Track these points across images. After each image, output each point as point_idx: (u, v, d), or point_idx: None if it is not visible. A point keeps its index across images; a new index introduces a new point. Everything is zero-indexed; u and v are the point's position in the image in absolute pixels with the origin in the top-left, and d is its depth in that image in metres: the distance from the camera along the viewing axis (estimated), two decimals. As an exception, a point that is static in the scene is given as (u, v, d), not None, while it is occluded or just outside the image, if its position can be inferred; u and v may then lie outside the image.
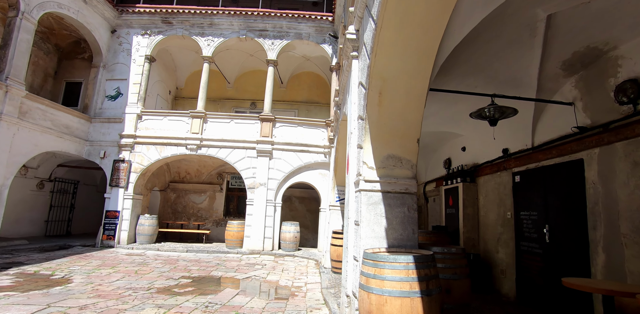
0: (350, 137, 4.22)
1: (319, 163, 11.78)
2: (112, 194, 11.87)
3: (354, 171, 4.00)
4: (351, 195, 4.00)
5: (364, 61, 3.83)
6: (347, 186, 4.35)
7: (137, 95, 12.41)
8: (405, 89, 3.54)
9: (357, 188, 3.81)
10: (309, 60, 14.15)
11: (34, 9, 10.16)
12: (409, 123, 3.71)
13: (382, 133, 3.74)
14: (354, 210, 3.91)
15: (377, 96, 3.59)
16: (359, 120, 3.97)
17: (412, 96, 3.58)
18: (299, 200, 14.42)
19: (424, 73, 3.44)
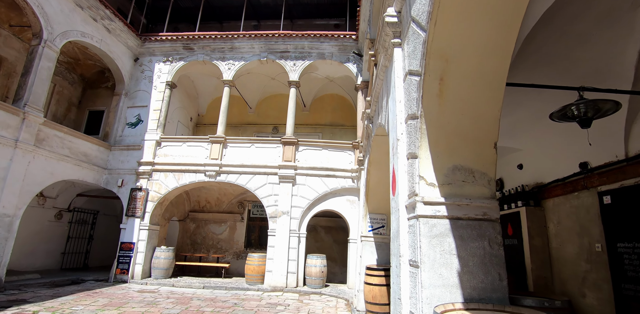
0: (396, 147, 3.15)
1: (346, 188, 10.65)
2: (127, 225, 11.05)
3: (404, 191, 2.89)
4: (402, 223, 2.87)
5: (414, 41, 2.83)
6: (394, 211, 3.22)
7: (157, 122, 11.90)
8: (477, 72, 2.48)
9: (412, 213, 2.69)
10: (332, 81, 13.44)
11: (57, 38, 9.97)
12: (482, 120, 2.62)
13: (444, 135, 2.66)
14: (408, 244, 2.76)
15: (437, 83, 2.54)
16: (409, 121, 2.91)
17: (486, 82, 2.51)
18: (325, 230, 13.17)
19: (505, 48, 2.39)
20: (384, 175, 6.97)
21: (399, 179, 2.94)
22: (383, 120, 4.48)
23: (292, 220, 10.40)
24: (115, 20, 11.57)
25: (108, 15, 11.32)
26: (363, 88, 11.10)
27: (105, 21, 11.39)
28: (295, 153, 11.02)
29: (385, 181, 7.10)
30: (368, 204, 7.55)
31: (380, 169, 6.81)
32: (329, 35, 11.65)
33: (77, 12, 10.54)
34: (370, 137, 6.30)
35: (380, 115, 4.76)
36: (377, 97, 5.25)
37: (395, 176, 3.15)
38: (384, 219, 7.54)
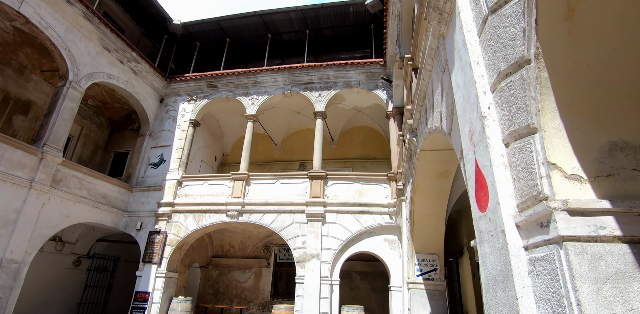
0: (478, 131, 1.91)
1: (383, 226, 9.17)
2: (144, 272, 9.89)
3: (509, 198, 1.63)
4: (514, 258, 1.55)
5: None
6: (486, 239, 1.87)
7: (179, 161, 11.23)
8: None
9: (539, 236, 1.40)
10: (360, 111, 12.56)
11: (83, 79, 9.82)
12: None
13: (587, 87, 1.45)
14: (535, 299, 1.42)
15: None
16: (505, 80, 1.71)
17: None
18: (361, 276, 11.42)
19: None
20: (432, 203, 5.60)
21: (494, 179, 1.69)
22: (438, 120, 3.29)
23: (323, 265, 8.89)
24: (141, 62, 11.53)
25: (134, 57, 11.30)
26: (395, 115, 10.06)
27: (132, 63, 11.34)
28: (324, 188, 9.83)
29: (435, 211, 5.70)
30: (414, 242, 6.09)
31: (428, 196, 5.47)
32: (355, 63, 10.99)
33: (103, 54, 10.52)
34: (414, 156, 5.08)
35: (432, 116, 3.59)
36: (422, 99, 4.12)
37: (481, 178, 1.89)
38: (435, 260, 6.00)
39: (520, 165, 1.59)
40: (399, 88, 9.62)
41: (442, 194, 5.50)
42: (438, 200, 5.56)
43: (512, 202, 1.63)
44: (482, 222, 1.90)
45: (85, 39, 9.99)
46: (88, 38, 10.05)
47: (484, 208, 1.87)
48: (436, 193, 5.47)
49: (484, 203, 1.86)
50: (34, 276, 10.10)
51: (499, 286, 1.66)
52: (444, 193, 5.48)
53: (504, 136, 1.74)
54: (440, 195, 5.50)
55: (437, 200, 5.56)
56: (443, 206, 5.64)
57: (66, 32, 9.45)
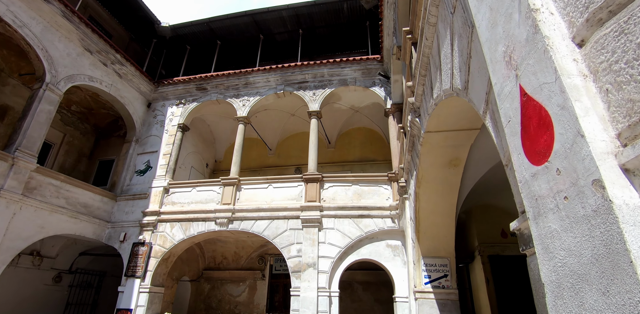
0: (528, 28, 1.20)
1: (385, 231, 8.35)
2: (126, 287, 9.03)
3: (596, 123, 0.90)
4: (635, 229, 0.82)
5: None
6: (564, 201, 1.12)
7: (166, 167, 10.49)
8: None
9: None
10: (357, 111, 11.90)
11: (62, 81, 9.19)
12: None
13: None
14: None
15: None
16: None
17: None
18: (363, 287, 10.53)
19: None
20: (440, 198, 4.84)
21: (569, 98, 0.96)
22: (448, 79, 2.60)
23: (320, 275, 8.04)
24: (126, 65, 10.94)
25: (119, 59, 10.71)
26: (394, 112, 9.40)
27: (116, 66, 10.75)
28: (320, 192, 9.06)
29: (444, 207, 4.94)
30: (420, 244, 5.30)
31: (435, 190, 4.72)
32: (350, 60, 10.38)
33: (85, 56, 9.93)
34: (417, 143, 4.35)
35: (439, 79, 2.89)
36: (425, 67, 3.43)
37: (534, 111, 1.16)
38: (445, 265, 5.20)
39: (619, 63, 0.87)
40: (397, 84, 8.99)
41: (451, 187, 4.75)
42: (447, 194, 4.80)
43: (606, 131, 0.90)
44: (539, 182, 1.16)
45: (65, 39, 9.42)
46: (68, 38, 9.48)
47: (542, 156, 1.13)
48: (444, 186, 4.72)
49: (542, 148, 1.13)
50: (6, 294, 9.25)
51: (589, 286, 0.90)
52: (453, 186, 4.73)
53: (575, 30, 1.02)
54: (449, 189, 4.75)
55: (446, 194, 4.80)
56: (452, 201, 4.89)
57: (43, 31, 8.88)
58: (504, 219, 7.34)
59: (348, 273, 10.23)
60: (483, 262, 6.85)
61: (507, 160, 1.60)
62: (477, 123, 3.79)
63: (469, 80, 2.11)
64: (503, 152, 1.65)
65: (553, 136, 1.07)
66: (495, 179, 6.27)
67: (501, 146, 1.67)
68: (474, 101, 2.06)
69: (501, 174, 6.11)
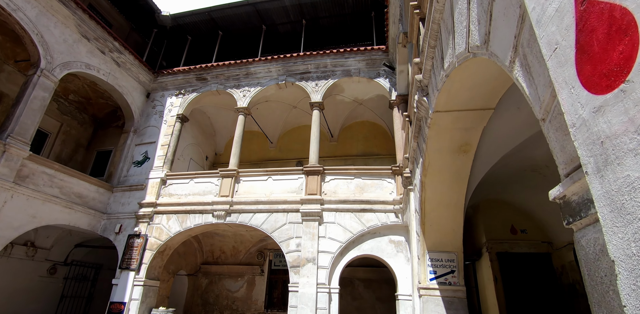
0: None
1: (388, 226, 8.01)
2: (120, 280, 8.77)
3: None
4: None
5: None
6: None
7: (164, 158, 10.21)
8: None
9: None
10: (361, 104, 11.53)
11: (57, 68, 8.92)
12: None
13: None
14: None
15: None
16: None
17: None
18: (365, 284, 10.19)
19: None
20: (448, 188, 4.49)
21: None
22: (463, 40, 2.25)
23: (320, 270, 7.71)
24: (124, 53, 10.66)
25: (117, 47, 10.43)
26: (399, 103, 9.04)
27: (114, 54, 10.47)
28: (321, 185, 8.73)
29: (452, 198, 4.59)
30: (426, 238, 4.95)
31: (443, 179, 4.37)
32: (355, 50, 10.02)
33: (82, 43, 9.65)
34: (425, 126, 4.01)
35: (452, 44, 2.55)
36: (434, 36, 3.08)
37: (602, 9, 0.81)
38: (452, 260, 4.84)
39: None
40: (402, 74, 8.62)
41: (460, 176, 4.39)
42: (455, 184, 4.45)
43: None
44: (607, 116, 0.81)
45: (61, 24, 9.14)
46: (64, 24, 9.20)
47: (615, 77, 0.78)
48: (453, 174, 4.36)
49: (615, 65, 0.78)
50: (2, 286, 9.04)
51: None
52: (463, 174, 4.37)
53: None
54: (458, 178, 4.39)
55: (454, 184, 4.45)
56: (461, 192, 4.53)
57: (39, 15, 8.61)
58: (514, 215, 6.98)
59: (349, 269, 9.90)
60: (491, 259, 6.49)
61: (546, 111, 1.25)
62: (491, 102, 3.44)
63: (490, 31, 1.77)
64: (540, 102, 1.30)
65: (637, 41, 0.72)
66: (506, 171, 5.91)
67: (536, 96, 1.33)
68: (497, 53, 1.71)
69: (513, 164, 5.75)
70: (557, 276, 6.36)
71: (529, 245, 6.57)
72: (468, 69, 2.67)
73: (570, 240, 6.00)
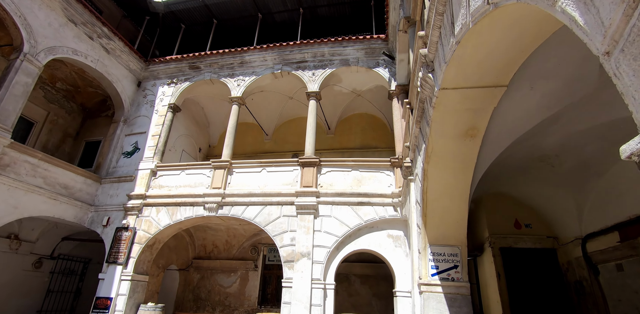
0: None
1: (386, 220, 7.68)
2: (107, 274, 8.42)
3: None
4: None
5: None
6: None
7: (155, 148, 9.83)
8: None
9: None
10: (359, 95, 11.16)
11: (42, 52, 8.50)
12: None
13: None
14: None
15: None
16: None
17: None
18: (361, 280, 9.88)
19: None
20: (453, 177, 4.15)
21: None
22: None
23: (315, 265, 7.38)
24: (114, 39, 10.22)
25: (106, 33, 9.99)
26: (399, 94, 8.70)
27: (103, 40, 10.03)
28: (317, 177, 8.38)
29: (456, 188, 4.26)
30: (427, 231, 4.61)
31: (447, 166, 4.03)
32: (353, 38, 9.63)
33: (68, 27, 9.21)
34: (429, 107, 3.67)
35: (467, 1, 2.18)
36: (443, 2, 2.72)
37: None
38: (456, 254, 4.52)
39: None
40: (402, 63, 8.26)
41: (466, 164, 4.05)
42: (460, 172, 4.11)
43: None
44: None
45: (46, 7, 8.71)
46: (49, 7, 8.76)
47: None
48: (458, 162, 4.02)
49: None
50: (-19, 280, 8.69)
51: None
52: (469, 162, 4.03)
53: None
54: (464, 166, 4.05)
55: (459, 172, 4.11)
56: (467, 181, 4.19)
57: (22, -3, 8.17)
58: (518, 209, 6.66)
59: (345, 265, 9.60)
60: (494, 255, 6.18)
61: (613, 39, 0.90)
62: (504, 78, 3.09)
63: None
64: (603, 30, 0.95)
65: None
66: (512, 161, 5.57)
67: (596, 23, 0.98)
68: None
69: (520, 154, 5.39)
70: (562, 272, 6.06)
71: (533, 239, 6.27)
72: (483, 33, 2.32)
73: (578, 235, 5.69)
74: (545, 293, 6.01)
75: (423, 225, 4.57)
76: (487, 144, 4.09)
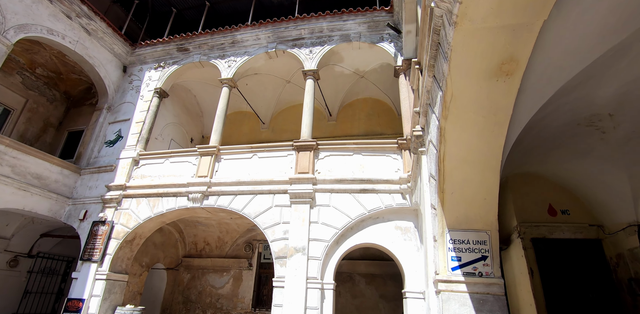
0: None
1: (393, 209, 6.58)
2: (81, 273, 7.47)
3: None
4: None
5: None
6: None
7: (138, 136, 8.91)
8: None
9: None
10: (363, 77, 10.11)
11: (11, 30, 7.65)
12: None
13: None
14: None
15: None
16: None
17: None
18: (367, 280, 8.77)
19: None
20: (478, 137, 3.08)
21: None
22: None
23: (311, 261, 6.31)
24: (95, 20, 9.36)
25: (85, 12, 9.13)
26: (406, 69, 7.65)
27: (83, 20, 9.17)
28: (314, 162, 7.33)
29: (482, 152, 3.18)
30: (445, 211, 3.52)
31: (470, 122, 2.96)
32: (354, 11, 8.61)
33: (43, 4, 8.37)
34: (449, 21, 2.60)
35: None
36: None
37: None
38: (484, 241, 3.42)
39: None
40: (410, 36, 7.21)
41: (498, 117, 2.96)
42: (489, 128, 3.02)
43: None
44: None
45: (16, -19, 7.88)
46: (20, -20, 7.93)
47: None
48: (486, 113, 2.93)
49: None
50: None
51: None
52: (501, 114, 2.94)
53: None
54: (494, 119, 2.97)
55: (488, 128, 3.02)
56: (498, 142, 3.10)
57: (-13, -31, 7.35)
58: (552, 192, 5.52)
59: (348, 263, 8.52)
60: (524, 247, 5.06)
61: None
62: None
63: None
64: None
65: None
66: (548, 128, 4.45)
67: None
68: None
69: (561, 114, 4.25)
70: (611, 268, 4.91)
71: (572, 228, 5.13)
72: None
73: (633, 221, 4.53)
74: (589, 293, 4.85)
75: (440, 203, 3.49)
76: (527, 90, 3.01)
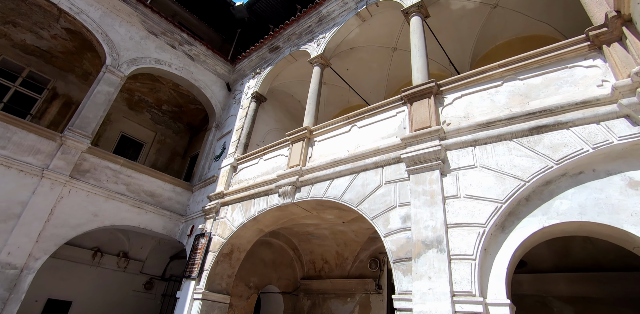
0: None
1: (613, 150, 3.09)
2: (182, 292, 6.24)
3: None
4: None
5: None
6: None
7: (237, 143, 7.94)
8: None
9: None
10: (497, 6, 6.89)
11: (124, 64, 8.11)
12: None
13: None
14: None
15: None
16: None
17: None
18: (575, 308, 4.72)
19: None
20: None
21: None
22: None
23: (456, 263, 3.28)
24: (195, 44, 9.48)
25: (186, 39, 9.33)
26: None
27: (185, 47, 9.38)
28: (437, 111, 4.52)
29: None
30: None
31: None
32: None
33: (150, 39, 8.85)
34: None
35: None
36: None
37: None
38: None
39: None
40: None
41: None
42: None
43: None
44: None
45: (126, 23, 8.55)
46: (129, 22, 8.59)
47: None
48: None
49: None
50: (94, 296, 7.81)
51: None
52: None
53: None
54: None
55: None
56: None
57: (102, 16, 8.14)
58: None
59: (532, 278, 4.85)
60: None
61: None
62: None
63: None
64: None
65: None
66: None
67: None
68: None
69: None
70: None
71: None
72: None
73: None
74: None
75: None
76: None
